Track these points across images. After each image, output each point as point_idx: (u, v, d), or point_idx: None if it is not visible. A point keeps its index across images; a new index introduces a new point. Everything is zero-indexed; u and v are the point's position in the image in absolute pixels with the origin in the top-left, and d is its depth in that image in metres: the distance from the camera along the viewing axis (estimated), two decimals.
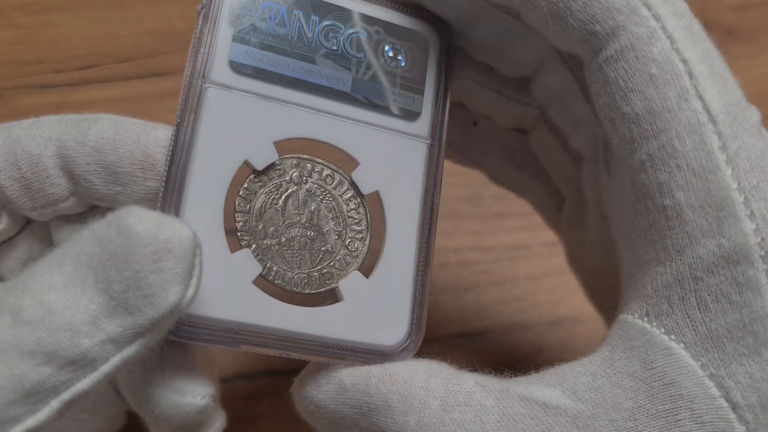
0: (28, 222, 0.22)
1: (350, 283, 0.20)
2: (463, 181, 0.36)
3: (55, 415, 0.16)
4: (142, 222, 0.16)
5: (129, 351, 0.17)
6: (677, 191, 0.18)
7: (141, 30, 0.38)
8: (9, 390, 0.16)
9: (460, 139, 0.26)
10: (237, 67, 0.20)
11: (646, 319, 0.18)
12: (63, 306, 0.16)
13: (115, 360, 0.16)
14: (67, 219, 0.21)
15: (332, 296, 0.20)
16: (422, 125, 0.21)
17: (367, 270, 0.20)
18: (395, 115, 0.21)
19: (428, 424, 0.18)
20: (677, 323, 0.18)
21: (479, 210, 0.36)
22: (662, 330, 0.18)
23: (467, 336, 0.33)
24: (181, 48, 0.38)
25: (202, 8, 0.20)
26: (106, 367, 0.16)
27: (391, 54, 0.21)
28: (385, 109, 0.21)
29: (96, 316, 0.16)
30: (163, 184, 0.19)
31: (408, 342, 0.20)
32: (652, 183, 0.18)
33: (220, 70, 0.19)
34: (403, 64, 0.21)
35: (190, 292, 0.17)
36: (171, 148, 0.19)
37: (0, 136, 0.20)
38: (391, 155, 0.21)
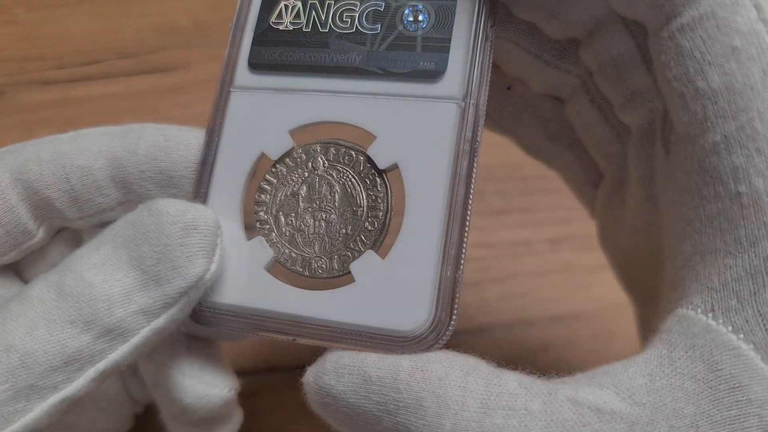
0: (60, 229, 0.22)
1: (363, 264, 0.19)
2: None
3: (90, 387, 0.17)
4: (171, 205, 0.18)
5: (158, 323, 0.18)
6: (755, 177, 0.16)
7: (143, 26, 0.38)
8: (52, 355, 0.17)
9: (493, 103, 0.24)
10: (254, 68, 0.21)
11: (710, 315, 0.17)
12: (101, 280, 0.18)
13: (145, 332, 0.18)
14: (101, 225, 0.21)
15: (346, 279, 0.19)
16: (449, 85, 0.19)
17: (384, 250, 0.19)
18: (415, 80, 0.19)
19: (466, 428, 0.16)
20: (747, 321, 0.16)
21: (482, 206, 0.36)
22: (729, 328, 0.16)
23: (470, 332, 0.33)
24: (183, 44, 0.38)
25: (232, 25, 0.21)
26: (136, 339, 0.18)
27: (411, 18, 0.20)
28: (402, 76, 0.19)
29: (130, 289, 0.18)
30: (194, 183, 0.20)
31: (432, 329, 0.18)
32: (725, 167, 0.16)
33: (241, 74, 0.21)
34: (425, 26, 0.20)
35: (213, 267, 0.18)
36: (202, 152, 0.20)
37: (45, 151, 0.20)
38: (411, 123, 0.19)
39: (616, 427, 0.16)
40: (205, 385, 0.21)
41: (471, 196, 0.18)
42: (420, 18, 0.20)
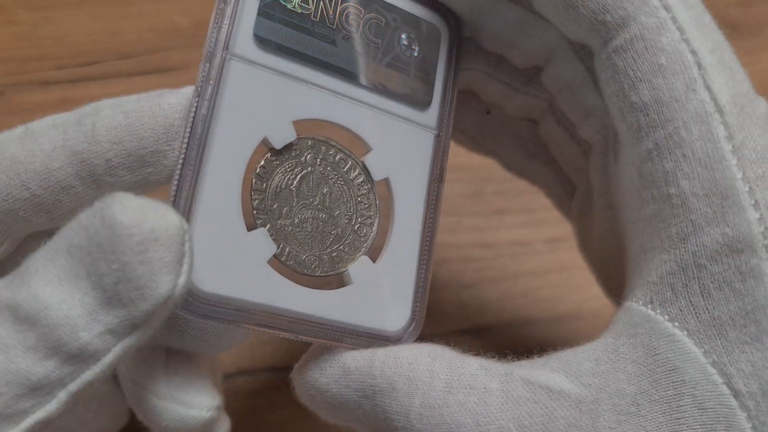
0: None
1: (358, 268, 0.20)
2: (465, 177, 0.36)
3: (63, 407, 0.16)
4: (126, 211, 0.16)
5: (129, 341, 0.16)
6: (682, 180, 0.18)
7: (143, 26, 0.38)
8: (15, 384, 0.16)
9: (474, 127, 0.26)
10: (261, 42, 0.19)
11: (650, 306, 0.19)
12: (59, 300, 0.16)
13: (117, 350, 0.16)
14: None
15: (341, 280, 0.20)
16: (431, 116, 0.22)
17: (374, 255, 0.20)
18: (408, 104, 0.21)
19: (432, 405, 0.18)
20: (681, 310, 0.18)
21: (481, 206, 0.36)
22: (666, 317, 0.18)
23: (469, 332, 0.33)
24: (183, 44, 0.38)
25: None
26: (108, 358, 0.16)
27: (406, 43, 0.21)
28: (399, 97, 0.21)
29: (92, 309, 0.16)
30: (181, 158, 0.18)
31: (410, 329, 0.20)
32: (657, 172, 0.18)
33: (244, 43, 0.19)
34: (416, 54, 0.21)
35: (181, 280, 0.16)
36: (191, 122, 0.18)
37: None
38: (401, 143, 0.21)
39: (564, 404, 0.18)
40: (182, 407, 0.20)
41: (439, 214, 0.21)
42: (413, 46, 0.21)
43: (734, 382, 0.17)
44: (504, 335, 0.34)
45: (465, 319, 0.34)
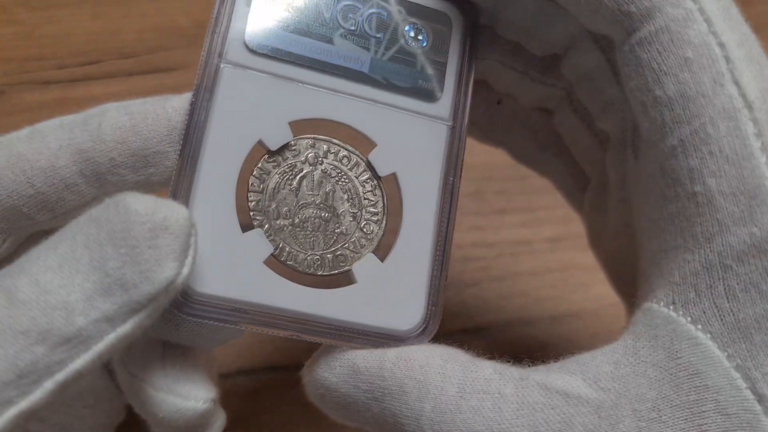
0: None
1: (364, 266, 0.20)
2: (465, 176, 0.36)
3: (49, 398, 0.16)
4: (139, 202, 0.16)
5: (123, 329, 0.16)
6: (709, 177, 0.17)
7: (143, 26, 0.38)
8: (2, 370, 0.16)
9: (484, 117, 0.25)
10: (253, 47, 0.20)
11: (672, 307, 0.18)
12: (58, 285, 0.16)
13: (110, 338, 0.16)
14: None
15: (346, 279, 0.20)
16: (443, 107, 0.21)
17: (382, 253, 0.20)
18: (415, 97, 0.21)
19: (444, 411, 0.17)
20: (704, 312, 0.17)
21: (482, 206, 0.36)
22: (688, 319, 0.18)
23: (469, 332, 0.33)
24: (183, 44, 0.38)
25: None
26: (100, 347, 0.16)
27: (412, 34, 0.21)
28: (404, 90, 0.21)
29: (91, 294, 0.16)
30: (177, 163, 0.19)
31: (423, 328, 0.20)
32: (682, 169, 0.18)
33: (236, 49, 0.19)
34: (424, 45, 0.21)
35: (185, 270, 0.17)
36: (185, 127, 0.19)
37: (1, 156, 0.19)
38: (409, 137, 0.20)
39: (582, 410, 0.17)
40: (179, 399, 0.20)
41: (455, 209, 0.20)
42: (419, 37, 0.21)
43: (759, 387, 0.17)
44: (504, 335, 0.34)
45: (465, 318, 0.34)
